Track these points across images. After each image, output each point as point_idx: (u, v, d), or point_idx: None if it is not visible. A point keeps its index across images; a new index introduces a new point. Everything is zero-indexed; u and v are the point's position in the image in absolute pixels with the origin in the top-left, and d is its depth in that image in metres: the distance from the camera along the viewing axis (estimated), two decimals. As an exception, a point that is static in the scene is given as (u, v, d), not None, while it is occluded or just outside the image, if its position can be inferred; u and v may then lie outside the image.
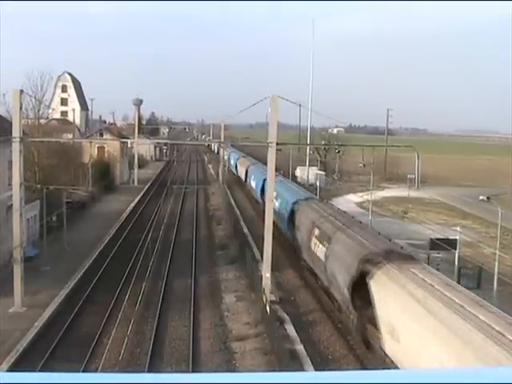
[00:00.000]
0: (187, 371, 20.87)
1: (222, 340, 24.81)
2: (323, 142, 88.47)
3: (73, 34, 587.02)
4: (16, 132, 27.65)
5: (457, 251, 33.50)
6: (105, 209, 56.07)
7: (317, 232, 30.52)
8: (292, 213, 37.19)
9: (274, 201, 37.86)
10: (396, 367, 18.28)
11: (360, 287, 22.02)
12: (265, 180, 42.06)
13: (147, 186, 75.32)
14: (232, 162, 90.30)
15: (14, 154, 28.16)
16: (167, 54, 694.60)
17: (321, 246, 29.10)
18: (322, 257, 28.20)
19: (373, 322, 21.07)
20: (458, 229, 37.38)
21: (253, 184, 60.08)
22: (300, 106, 64.46)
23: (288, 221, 37.87)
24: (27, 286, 28.48)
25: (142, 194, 68.33)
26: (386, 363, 19.68)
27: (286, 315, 26.88)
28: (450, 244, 33.73)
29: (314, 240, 30.56)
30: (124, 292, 30.35)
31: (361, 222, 31.58)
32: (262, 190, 47.50)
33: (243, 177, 72.61)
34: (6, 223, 32.57)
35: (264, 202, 39.53)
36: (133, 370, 21.40)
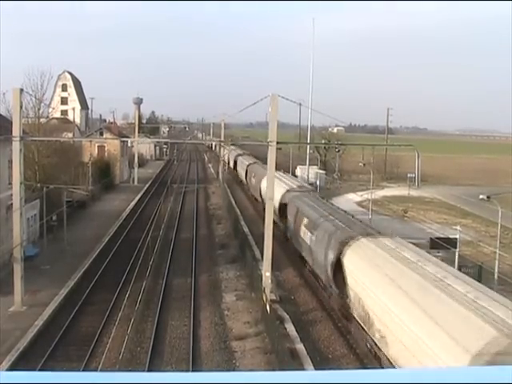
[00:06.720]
0: (187, 370, 20.88)
1: (222, 339, 24.81)
2: (323, 141, 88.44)
3: (73, 33, 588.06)
4: (16, 131, 27.63)
5: (457, 250, 33.46)
6: (105, 208, 56.06)
7: None
8: None
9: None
10: (395, 367, 18.28)
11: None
12: None
13: (147, 185, 75.32)
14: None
15: (14, 153, 28.14)
16: (167, 53, 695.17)
17: None
18: None
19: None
20: (458, 228, 37.36)
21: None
22: (300, 105, 64.45)
23: None
24: (27, 285, 28.49)
25: (142, 193, 68.33)
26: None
27: (286, 314, 26.87)
28: (450, 243, 33.70)
29: None
30: (124, 291, 30.33)
31: None
32: None
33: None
34: (6, 222, 32.58)
35: None
36: (133, 369, 21.41)
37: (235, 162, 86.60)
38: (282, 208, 40.01)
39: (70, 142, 61.27)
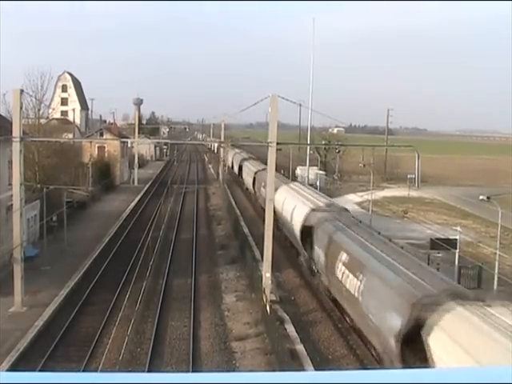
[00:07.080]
0: (187, 371, 20.87)
1: (222, 340, 24.81)
2: (323, 142, 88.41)
3: (73, 33, 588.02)
4: (16, 132, 27.64)
5: (457, 251, 33.47)
6: (105, 208, 56.08)
7: None
8: None
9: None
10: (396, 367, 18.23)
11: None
12: None
13: (147, 186, 75.35)
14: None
15: (14, 154, 28.14)
16: (167, 53, 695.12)
17: None
18: None
19: None
20: (458, 228, 37.36)
21: None
22: (300, 105, 64.34)
23: None
24: (27, 285, 28.48)
25: (142, 193, 68.34)
26: None
27: (286, 315, 26.87)
28: (450, 244, 33.72)
29: None
30: (124, 291, 30.33)
31: None
32: None
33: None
34: (6, 223, 32.58)
35: None
36: (133, 369, 21.40)
37: (240, 168, 79.15)
38: (306, 231, 32.09)
39: (70, 143, 61.24)
